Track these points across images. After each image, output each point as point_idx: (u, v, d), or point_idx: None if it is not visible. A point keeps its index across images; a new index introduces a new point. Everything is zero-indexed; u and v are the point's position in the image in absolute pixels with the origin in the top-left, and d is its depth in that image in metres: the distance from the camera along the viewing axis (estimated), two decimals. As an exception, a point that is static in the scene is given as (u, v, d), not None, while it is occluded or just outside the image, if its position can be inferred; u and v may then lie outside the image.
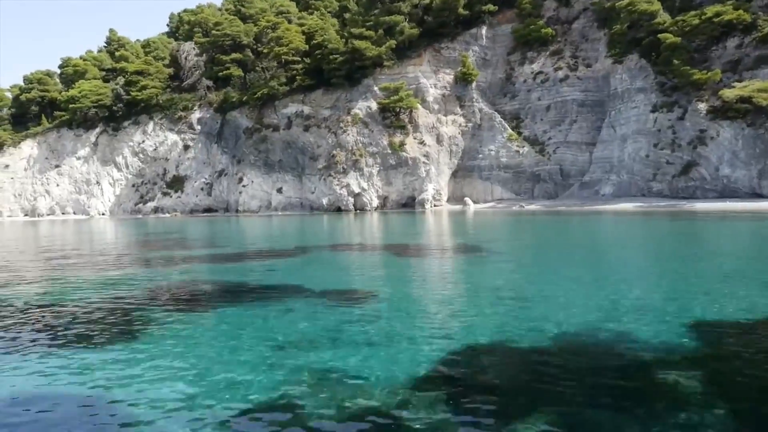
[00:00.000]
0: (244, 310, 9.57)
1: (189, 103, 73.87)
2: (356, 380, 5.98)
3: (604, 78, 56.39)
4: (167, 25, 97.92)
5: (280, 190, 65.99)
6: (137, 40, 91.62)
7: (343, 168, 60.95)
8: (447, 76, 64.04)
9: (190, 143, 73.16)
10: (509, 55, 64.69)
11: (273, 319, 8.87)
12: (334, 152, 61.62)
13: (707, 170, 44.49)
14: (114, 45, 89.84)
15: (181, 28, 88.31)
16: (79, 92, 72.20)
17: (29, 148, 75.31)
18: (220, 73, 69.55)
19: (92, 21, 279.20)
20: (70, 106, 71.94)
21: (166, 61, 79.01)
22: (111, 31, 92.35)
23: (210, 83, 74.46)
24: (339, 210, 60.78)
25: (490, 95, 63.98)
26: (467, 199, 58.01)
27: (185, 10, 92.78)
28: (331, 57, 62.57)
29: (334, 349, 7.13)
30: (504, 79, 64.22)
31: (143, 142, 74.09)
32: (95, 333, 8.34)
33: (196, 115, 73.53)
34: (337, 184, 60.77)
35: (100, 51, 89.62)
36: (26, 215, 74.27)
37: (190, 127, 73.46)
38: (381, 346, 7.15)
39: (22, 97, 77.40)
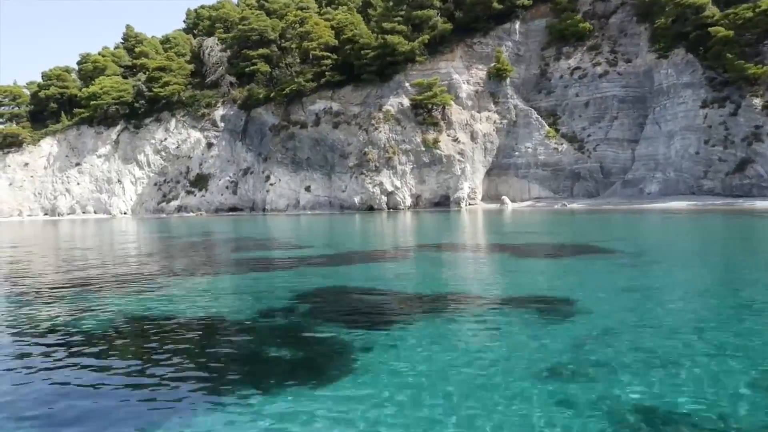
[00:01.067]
0: (439, 325, 8.02)
1: (212, 99, 72.40)
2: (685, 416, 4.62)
3: (646, 73, 54.94)
4: (184, 21, 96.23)
5: (308, 189, 64.52)
6: (152, 36, 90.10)
7: (375, 166, 59.50)
8: (480, 72, 62.59)
9: (214, 141, 71.69)
10: (543, 51, 63.21)
11: (483, 336, 7.38)
12: (366, 150, 60.15)
13: (764, 167, 43.05)
14: (131, 41, 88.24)
15: (200, 24, 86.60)
16: (101, 88, 70.68)
17: (49, 145, 73.79)
18: (247, 69, 68.04)
19: (103, 18, 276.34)
20: (92, 102, 70.41)
21: (187, 58, 77.45)
22: (128, 27, 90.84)
23: (233, 79, 72.99)
24: (371, 209, 59.34)
25: (524, 91, 62.50)
26: (505, 198, 56.56)
27: (203, 6, 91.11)
28: (362, 52, 61.05)
29: (610, 375, 5.68)
30: (538, 75, 62.76)
31: (165, 139, 72.60)
32: (280, 369, 6.38)
33: (219, 112, 72.04)
34: (370, 183, 59.30)
35: (117, 47, 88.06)
36: (46, 214, 72.79)
37: (214, 124, 71.99)
38: (661, 368, 5.76)
39: (41, 94, 75.81)
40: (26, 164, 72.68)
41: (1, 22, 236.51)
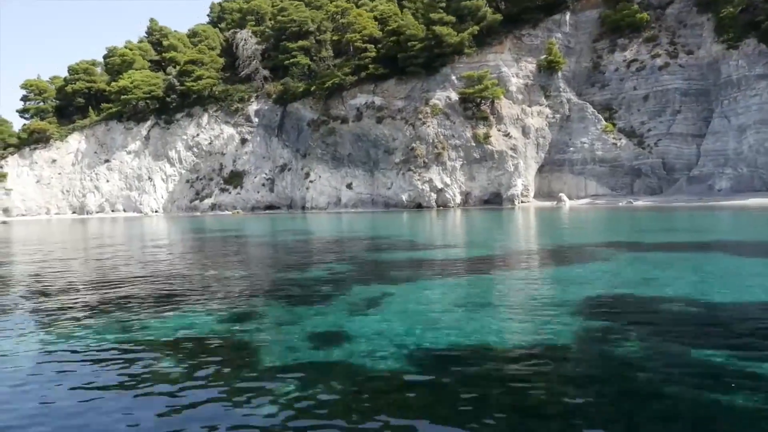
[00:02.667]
0: None
1: (245, 94, 70.12)
2: None
3: (710, 65, 52.70)
4: (207, 15, 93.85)
5: (349, 186, 62.20)
6: (175, 30, 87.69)
7: (423, 162, 57.20)
8: (529, 65, 60.33)
9: (248, 137, 69.40)
10: (595, 43, 60.99)
11: None
12: (414, 145, 57.83)
13: None
14: (156, 35, 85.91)
15: (226, 17, 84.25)
16: (131, 82, 68.33)
17: (76, 141, 71.45)
18: (286, 62, 65.64)
19: (120, 13, 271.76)
20: (122, 97, 68.09)
21: (217, 51, 75.11)
22: (152, 20, 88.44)
23: (267, 73, 70.69)
24: (419, 207, 57.04)
25: (575, 85, 60.26)
26: (562, 195, 54.24)
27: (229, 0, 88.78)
28: (409, 44, 58.72)
29: None
30: (590, 68, 60.53)
31: (197, 135, 70.29)
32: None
33: (253, 107, 69.78)
34: (418, 179, 56.99)
35: (141, 41, 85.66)
36: (74, 213, 70.44)
37: (248, 119, 69.71)
38: None
39: (68, 88, 73.47)
40: (54, 161, 70.32)
41: (17, 18, 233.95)
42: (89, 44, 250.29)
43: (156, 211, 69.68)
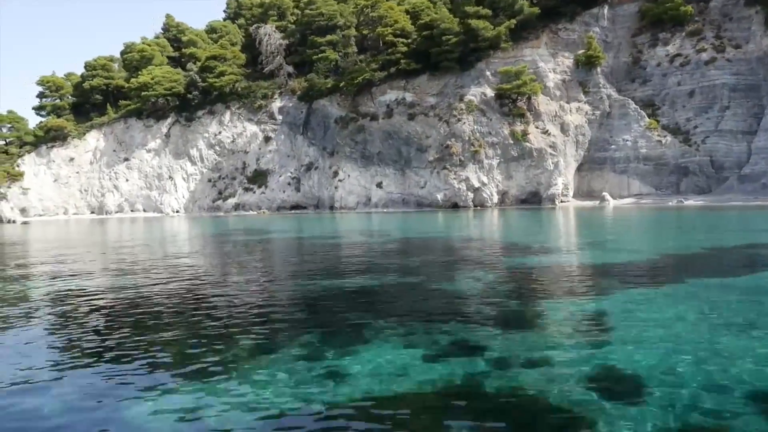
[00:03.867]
0: None
1: (268, 91, 68.06)
2: None
3: (760, 60, 50.83)
4: (224, 11, 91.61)
5: (379, 185, 60.17)
6: (189, 27, 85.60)
7: (459, 160, 55.21)
8: (566, 60, 58.40)
9: (272, 134, 67.36)
10: (634, 37, 59.02)
11: None
12: (449, 142, 55.83)
13: None
14: (173, 31, 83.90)
15: (244, 12, 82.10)
16: (151, 78, 66.24)
17: (95, 139, 69.39)
18: (314, 57, 63.59)
19: (131, 9, 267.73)
20: (142, 93, 65.98)
21: (238, 47, 73.04)
22: (168, 16, 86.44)
23: (291, 69, 68.67)
24: (455, 206, 55.02)
25: (613, 81, 58.28)
26: (606, 194, 52.19)
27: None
28: (443, 38, 56.72)
29: None
30: (630, 63, 58.55)
31: (219, 133, 68.24)
32: None
33: (276, 104, 67.75)
34: (455, 178, 55.01)
35: (157, 37, 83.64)
36: (93, 213, 68.35)
37: (271, 116, 67.68)
38: None
39: (85, 85, 71.40)
40: (71, 159, 68.26)
41: (26, 16, 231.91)
42: (102, 42, 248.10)
43: (177, 212, 67.61)
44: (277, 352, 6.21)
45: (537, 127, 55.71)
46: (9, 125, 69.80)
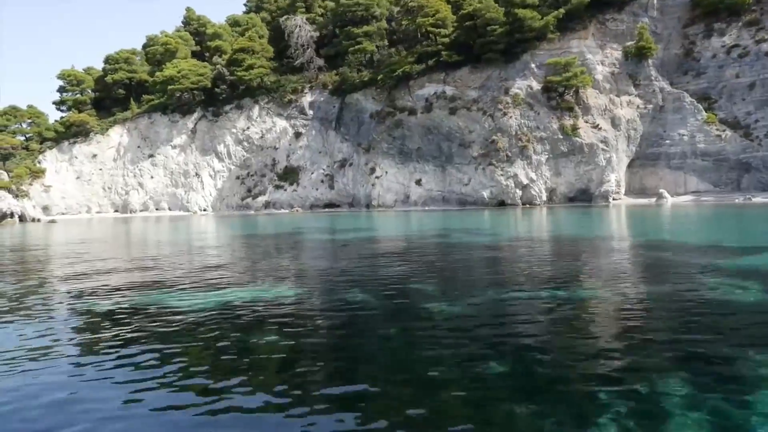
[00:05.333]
0: None
1: (298, 85, 65.56)
2: None
3: (825, 50, 48.33)
4: (245, 4, 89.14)
5: (418, 182, 57.71)
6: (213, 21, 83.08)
7: (506, 156, 52.75)
8: (615, 52, 55.95)
9: (302, 130, 64.89)
10: (686, 28, 56.46)
11: None
12: (494, 137, 53.36)
13: None
14: (194, 24, 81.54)
15: (270, 5, 79.63)
16: (178, 72, 63.71)
17: (118, 135, 66.89)
18: (351, 49, 61.07)
19: (149, 4, 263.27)
20: (169, 87, 63.45)
21: (264, 40, 70.54)
22: (188, 9, 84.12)
23: (322, 62, 66.20)
24: (502, 204, 52.56)
25: (664, 73, 55.79)
26: (663, 192, 49.69)
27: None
28: (488, 28, 54.24)
29: None
30: (681, 55, 56.02)
31: (248, 128, 65.76)
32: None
33: (307, 99, 65.29)
34: (502, 175, 52.54)
35: (178, 31, 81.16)
36: (116, 211, 65.90)
37: (301, 111, 65.21)
38: None
39: (108, 79, 68.88)
40: (94, 156, 65.77)
41: (35, 12, 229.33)
42: (118, 36, 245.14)
43: (204, 210, 65.14)
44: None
45: (587, 122, 53.28)
46: (29, 120, 67.36)
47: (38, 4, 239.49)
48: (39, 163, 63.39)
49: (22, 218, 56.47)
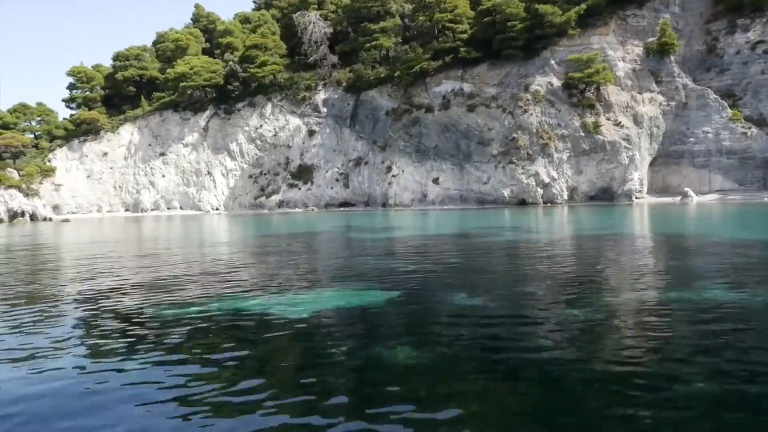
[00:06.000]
0: None
1: (312, 82, 64.61)
2: None
3: None
4: (254, 1, 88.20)
5: (436, 181, 56.79)
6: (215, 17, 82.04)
7: (527, 154, 51.84)
8: (636, 48, 55.04)
9: (316, 128, 63.96)
10: (708, 24, 55.59)
11: None
12: (515, 135, 52.47)
13: None
14: (203, 21, 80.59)
15: (279, 3, 78.56)
16: (190, 68, 62.74)
17: (129, 133, 65.94)
18: (367, 45, 60.15)
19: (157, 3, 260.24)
20: (181, 84, 62.47)
21: (276, 37, 69.53)
22: (197, 6, 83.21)
23: (335, 59, 65.26)
24: (523, 203, 51.67)
25: (686, 70, 54.89)
26: (688, 190, 48.83)
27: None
28: (508, 24, 53.33)
29: None
30: (704, 52, 55.15)
31: (260, 126, 64.82)
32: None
33: (321, 96, 64.36)
34: (522, 173, 51.64)
35: (187, 28, 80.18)
36: (127, 210, 64.97)
37: (315, 109, 64.28)
38: None
39: (118, 76, 67.85)
40: (105, 154, 64.84)
41: (41, 9, 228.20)
42: (127, 33, 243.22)
43: (216, 209, 64.21)
44: None
45: (608, 119, 52.40)
46: (38, 118, 66.38)
47: (42, 3, 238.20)
48: (49, 161, 62.46)
49: (33, 217, 55.55)
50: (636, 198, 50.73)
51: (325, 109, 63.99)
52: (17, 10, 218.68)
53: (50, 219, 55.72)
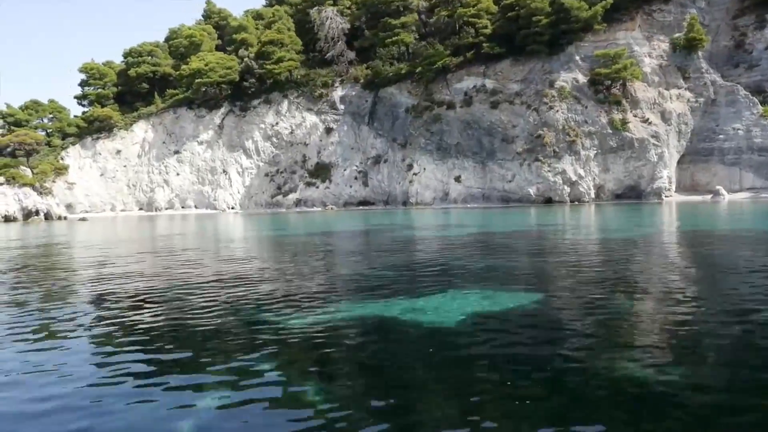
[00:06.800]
0: None
1: (328, 78, 63.52)
2: None
3: None
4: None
5: (458, 179, 55.76)
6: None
7: (554, 151, 50.84)
8: (662, 44, 54.15)
9: (333, 125, 62.88)
10: (735, 19, 54.67)
11: None
12: (540, 132, 51.46)
13: None
14: (215, 18, 79.39)
15: (292, -1, 77.35)
16: (205, 65, 61.60)
17: (142, 131, 64.75)
18: (387, 40, 59.11)
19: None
20: (196, 81, 61.32)
21: (291, 33, 68.36)
22: (208, 2, 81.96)
23: (353, 55, 64.19)
24: (549, 201, 50.66)
25: (713, 66, 53.94)
26: (720, 189, 47.87)
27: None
28: (533, 19, 52.31)
29: None
30: (732, 47, 54.25)
31: (277, 124, 63.72)
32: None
33: (338, 93, 63.27)
34: (549, 171, 50.63)
35: (198, 24, 79.01)
36: (141, 209, 63.82)
37: (332, 106, 63.18)
38: None
39: (131, 72, 66.63)
40: (118, 152, 63.66)
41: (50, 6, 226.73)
42: (136, 30, 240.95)
43: (232, 208, 63.12)
44: None
45: (635, 116, 51.45)
46: (50, 115, 65.16)
47: (44, 2, 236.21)
48: (62, 159, 61.28)
49: (47, 216, 54.39)
50: (665, 196, 49.79)
51: (342, 106, 62.91)
52: (19, 9, 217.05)
53: (65, 218, 54.57)
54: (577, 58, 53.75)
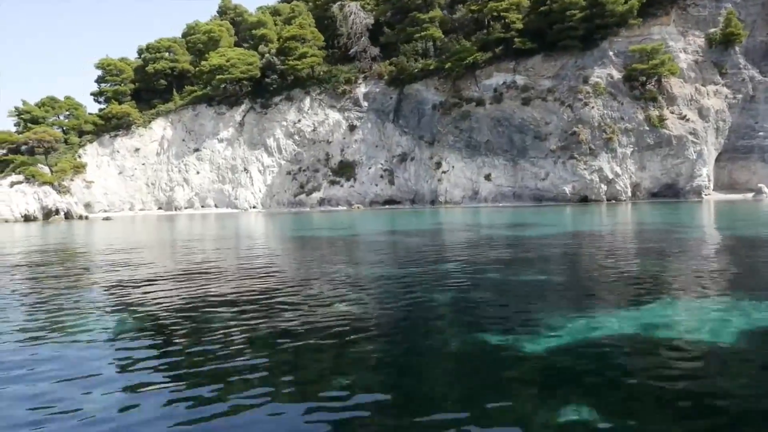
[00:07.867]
0: None
1: (352, 75, 62.16)
2: None
3: None
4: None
5: (488, 177, 54.46)
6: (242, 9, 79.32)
7: (590, 149, 49.60)
8: (697, 39, 52.99)
9: (357, 123, 61.51)
10: (772, 14, 53.52)
11: None
12: (575, 129, 50.20)
13: None
14: (230, 14, 77.99)
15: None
16: (227, 60, 60.17)
17: (161, 128, 63.30)
18: (416, 35, 57.80)
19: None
20: (217, 77, 59.90)
21: (313, 29, 66.94)
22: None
23: (377, 51, 62.84)
24: (585, 200, 49.42)
25: (749, 61, 52.78)
26: (763, 187, 46.74)
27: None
28: (567, 14, 51.05)
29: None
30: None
31: (299, 121, 62.32)
32: None
33: (361, 90, 61.90)
34: (585, 168, 49.38)
35: (214, 20, 77.54)
36: (160, 208, 62.37)
37: (356, 103, 61.82)
38: None
39: (149, 68, 65.14)
40: (137, 150, 62.21)
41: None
42: (150, 27, 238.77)
43: (254, 207, 61.68)
44: None
45: (672, 112, 50.24)
46: (67, 112, 63.69)
47: (46, 2, 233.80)
48: (79, 157, 59.82)
49: (67, 215, 52.94)
50: (705, 195, 48.62)
51: (365, 103, 61.56)
52: (21, 9, 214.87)
53: (86, 217, 53.10)
54: (611, 53, 52.52)
